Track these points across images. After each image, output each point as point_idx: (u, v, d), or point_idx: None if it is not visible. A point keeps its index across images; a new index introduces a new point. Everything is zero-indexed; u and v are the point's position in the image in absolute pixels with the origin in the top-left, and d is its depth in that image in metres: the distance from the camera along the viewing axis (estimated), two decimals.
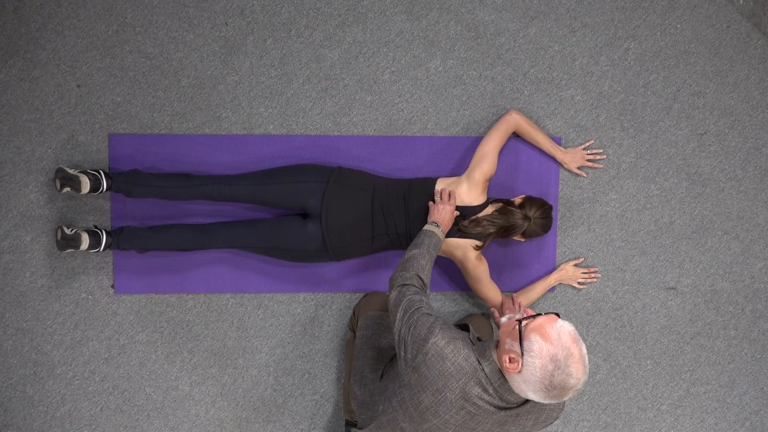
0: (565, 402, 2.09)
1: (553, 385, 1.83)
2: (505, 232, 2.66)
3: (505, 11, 2.89)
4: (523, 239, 2.70)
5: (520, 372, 1.87)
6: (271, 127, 2.88)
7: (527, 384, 1.87)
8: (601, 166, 2.96)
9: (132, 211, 2.85)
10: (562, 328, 1.86)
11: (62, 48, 2.80)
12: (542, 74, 2.92)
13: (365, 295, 2.83)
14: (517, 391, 1.92)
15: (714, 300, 3.06)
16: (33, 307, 2.88)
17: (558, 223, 2.97)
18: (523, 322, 1.91)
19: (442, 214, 2.57)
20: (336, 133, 2.89)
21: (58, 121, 2.82)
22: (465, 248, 2.68)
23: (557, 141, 2.93)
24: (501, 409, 1.99)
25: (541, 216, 2.67)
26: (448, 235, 2.67)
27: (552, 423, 2.12)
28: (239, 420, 2.98)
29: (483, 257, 2.74)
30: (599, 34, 2.92)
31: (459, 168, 2.91)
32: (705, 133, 2.99)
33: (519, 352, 1.87)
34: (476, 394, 1.97)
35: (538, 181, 2.93)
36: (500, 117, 2.86)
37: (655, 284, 3.03)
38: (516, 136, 2.89)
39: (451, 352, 1.98)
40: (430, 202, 2.64)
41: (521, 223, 2.64)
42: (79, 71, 2.82)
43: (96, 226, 2.80)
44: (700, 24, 2.94)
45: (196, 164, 2.86)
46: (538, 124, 2.92)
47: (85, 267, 2.87)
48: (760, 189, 3.02)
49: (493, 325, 2.95)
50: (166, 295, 2.91)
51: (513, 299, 2.74)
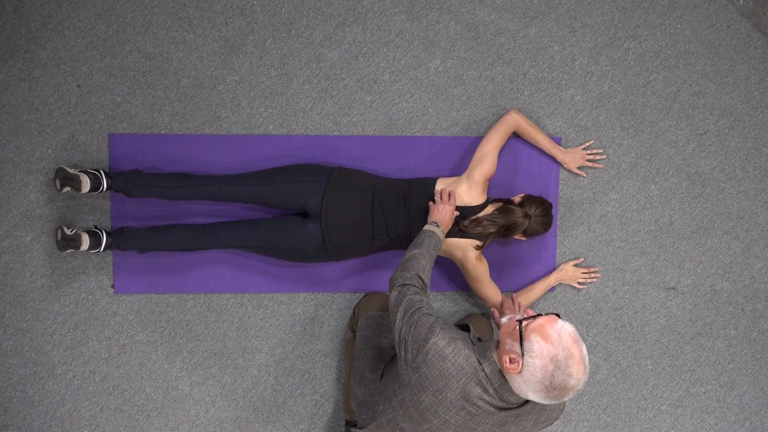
0: (565, 402, 2.09)
1: (554, 386, 1.83)
2: (506, 231, 2.66)
3: (505, 11, 2.89)
4: (523, 238, 2.70)
5: (520, 372, 1.87)
6: (271, 127, 2.88)
7: (527, 384, 1.87)
8: (601, 166, 2.96)
9: (132, 211, 2.85)
10: (563, 329, 1.86)
11: (62, 48, 2.80)
12: (542, 74, 2.92)
13: (365, 295, 2.83)
14: (517, 392, 1.92)
15: (714, 300, 3.06)
16: (33, 307, 2.88)
17: (558, 223, 2.97)
18: (524, 323, 1.91)
19: (442, 214, 2.57)
20: (336, 133, 2.89)
21: (58, 121, 2.82)
22: (465, 248, 2.68)
23: (557, 141, 2.93)
24: (501, 409, 1.99)
25: (542, 214, 2.67)
26: (449, 235, 2.67)
27: (552, 423, 2.12)
28: (239, 420, 2.98)
29: (483, 257, 2.74)
30: (599, 34, 2.92)
31: (459, 168, 2.91)
32: (705, 133, 2.99)
33: (519, 352, 1.87)
34: (476, 394, 1.97)
35: (538, 181, 2.93)
36: (500, 117, 2.86)
37: (655, 284, 3.03)
38: (516, 136, 2.89)
39: (451, 353, 1.98)
40: (430, 202, 2.64)
41: (522, 221, 2.64)
42: (79, 71, 2.81)
43: (96, 227, 2.80)
44: (700, 24, 2.94)
45: (196, 164, 2.86)
46: (538, 124, 2.92)
47: (85, 267, 2.87)
48: (760, 189, 3.02)
49: (494, 326, 2.95)
50: (166, 295, 2.91)
51: (513, 299, 2.73)
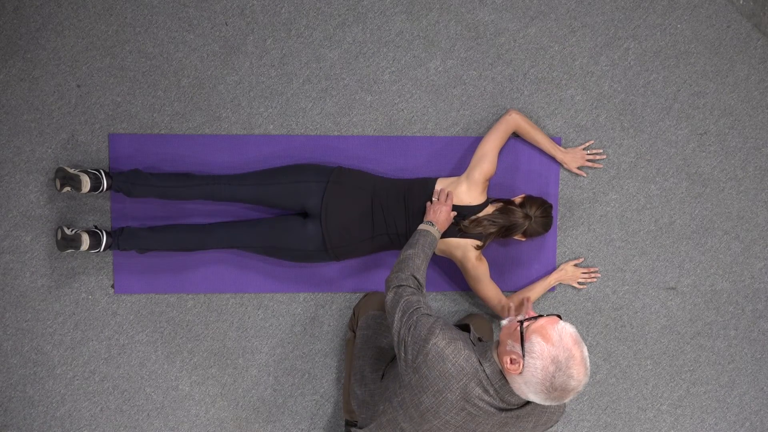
0: (565, 405, 2.09)
1: (554, 387, 1.83)
2: (506, 231, 2.66)
3: (505, 11, 2.89)
4: (523, 238, 2.70)
5: (521, 373, 1.87)
6: (271, 127, 2.88)
7: (528, 385, 1.86)
8: (601, 166, 2.96)
9: (132, 211, 2.84)
10: (564, 330, 1.86)
11: (62, 48, 2.80)
12: (542, 74, 2.92)
13: (365, 295, 2.83)
14: (517, 393, 1.92)
15: (714, 300, 3.06)
16: (33, 307, 2.88)
17: (558, 223, 2.97)
18: (525, 324, 1.91)
19: (438, 215, 2.57)
20: (336, 133, 2.89)
21: (58, 121, 2.82)
22: (465, 248, 2.68)
23: (557, 141, 2.92)
24: (501, 410, 1.99)
25: (542, 215, 2.67)
26: (449, 235, 2.67)
27: (552, 426, 2.12)
28: (239, 420, 2.98)
29: (483, 257, 2.74)
30: (599, 34, 2.92)
31: (459, 168, 2.91)
32: (705, 133, 2.99)
33: (520, 353, 1.87)
34: (477, 395, 1.97)
35: (538, 181, 2.93)
36: (500, 117, 2.86)
37: (655, 284, 3.03)
38: (516, 136, 2.89)
39: (451, 353, 1.98)
40: (428, 203, 2.64)
41: (522, 222, 2.64)
42: (79, 71, 2.81)
43: (96, 227, 2.80)
44: (700, 24, 2.94)
45: (196, 164, 2.86)
46: (538, 124, 2.92)
47: (85, 267, 2.87)
48: (760, 189, 3.02)
49: (494, 326, 2.95)
50: (166, 295, 2.91)
51: (524, 301, 2.72)
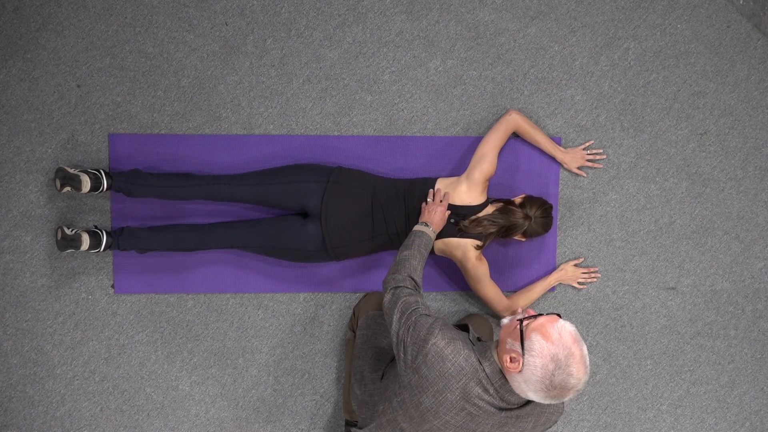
0: (564, 405, 2.09)
1: (554, 385, 1.83)
2: (506, 231, 2.66)
3: (505, 11, 2.89)
4: (523, 239, 2.70)
5: (520, 371, 1.87)
6: (271, 127, 2.88)
7: (528, 384, 1.87)
8: (601, 166, 2.96)
9: (132, 211, 2.84)
10: (564, 328, 1.86)
11: (62, 48, 2.80)
12: (542, 74, 2.92)
13: (365, 295, 2.83)
14: (517, 392, 1.92)
15: (714, 300, 3.06)
16: (33, 307, 2.88)
17: (558, 223, 2.97)
18: (525, 322, 1.91)
19: (433, 215, 2.58)
20: (336, 133, 2.89)
21: (58, 121, 2.82)
22: (465, 248, 2.68)
23: (557, 141, 2.93)
24: (501, 410, 1.99)
25: (542, 215, 2.67)
26: (449, 235, 2.67)
27: (551, 425, 2.12)
28: (239, 420, 2.98)
29: (483, 257, 2.74)
30: (599, 34, 2.92)
31: (459, 168, 2.91)
32: (705, 133, 2.99)
33: (520, 351, 1.87)
34: (477, 394, 1.97)
35: (538, 181, 2.93)
36: (500, 117, 2.86)
37: (655, 284, 3.03)
38: (516, 136, 2.89)
39: (451, 353, 1.98)
40: (423, 203, 2.64)
41: (522, 222, 2.64)
42: (79, 71, 2.81)
43: (96, 227, 2.80)
44: (700, 24, 2.94)
45: (196, 164, 2.86)
46: (538, 124, 2.92)
47: (85, 267, 2.87)
48: (760, 189, 3.02)
49: (493, 326, 2.95)
50: (166, 295, 2.91)
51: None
